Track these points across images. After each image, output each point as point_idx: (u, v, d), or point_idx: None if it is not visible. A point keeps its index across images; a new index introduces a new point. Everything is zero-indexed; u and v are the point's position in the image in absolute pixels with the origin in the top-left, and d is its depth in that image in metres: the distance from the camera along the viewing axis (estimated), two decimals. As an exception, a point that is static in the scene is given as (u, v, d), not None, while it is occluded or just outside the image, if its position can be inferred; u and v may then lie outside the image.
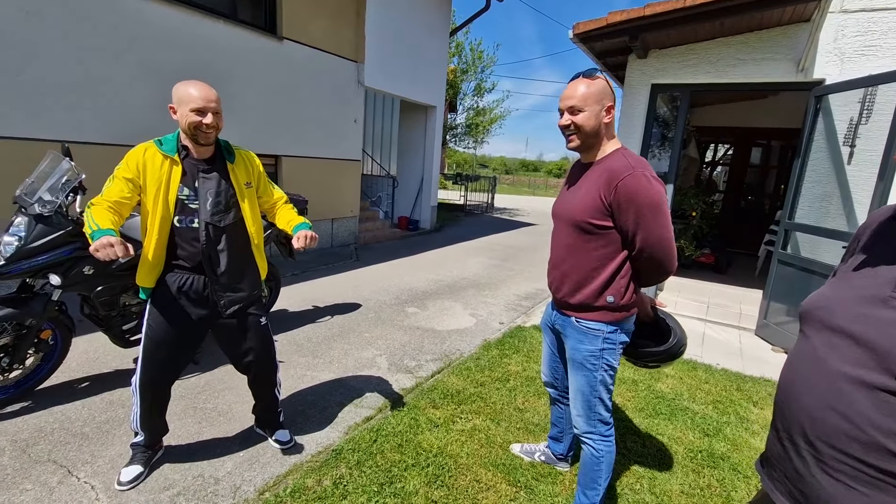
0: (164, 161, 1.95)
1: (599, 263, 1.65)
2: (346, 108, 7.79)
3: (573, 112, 1.62)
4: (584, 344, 1.73)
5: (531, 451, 2.43)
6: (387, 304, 5.04)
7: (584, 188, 1.65)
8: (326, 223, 7.80)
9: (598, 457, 1.82)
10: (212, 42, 5.60)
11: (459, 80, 16.14)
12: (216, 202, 1.99)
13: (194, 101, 1.89)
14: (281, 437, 2.46)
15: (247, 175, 2.13)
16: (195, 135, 1.94)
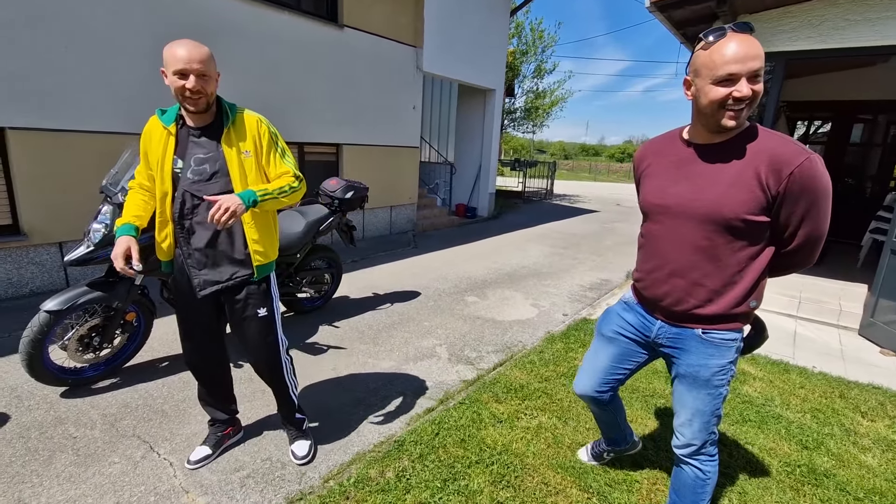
0: (163, 132, 1.81)
1: (745, 265, 1.39)
2: (404, 94, 7.75)
3: (755, 80, 1.24)
4: (715, 359, 1.46)
5: (599, 452, 2.23)
6: (445, 293, 4.98)
7: (731, 175, 1.32)
8: (385, 211, 7.86)
9: (706, 479, 1.59)
10: (276, 33, 5.71)
11: (519, 63, 15.66)
12: (199, 170, 1.80)
13: (173, 63, 1.67)
14: (297, 449, 2.23)
15: (247, 142, 1.85)
16: (182, 101, 1.75)
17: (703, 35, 1.30)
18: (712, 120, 1.32)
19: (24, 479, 2.04)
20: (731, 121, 1.29)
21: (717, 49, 1.26)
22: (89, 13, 4.18)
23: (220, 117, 1.84)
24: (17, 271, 4.13)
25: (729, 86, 1.25)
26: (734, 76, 1.24)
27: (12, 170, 4.00)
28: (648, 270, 1.56)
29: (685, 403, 1.55)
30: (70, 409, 2.58)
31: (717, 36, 1.27)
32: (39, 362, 2.56)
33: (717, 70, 1.25)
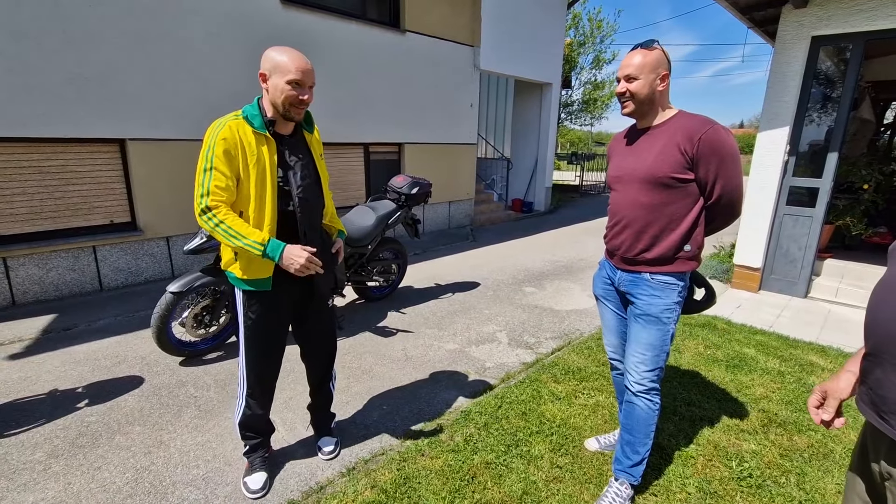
0: (259, 139, 1.73)
1: (679, 216, 1.76)
2: (461, 93, 7.99)
3: (629, 80, 1.73)
4: (661, 299, 1.82)
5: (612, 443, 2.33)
6: (504, 284, 5.18)
7: (659, 147, 1.74)
8: (444, 206, 8.15)
9: (655, 411, 1.89)
10: (344, 42, 6.14)
11: (576, 54, 15.42)
12: (304, 174, 1.84)
13: (292, 73, 1.67)
14: (324, 444, 2.29)
15: (319, 146, 2.01)
16: (288, 110, 1.73)
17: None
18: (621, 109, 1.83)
19: (161, 427, 2.50)
20: (623, 110, 1.81)
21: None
22: (190, 35, 4.76)
23: (301, 124, 1.90)
24: (135, 262, 4.82)
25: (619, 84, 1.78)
26: (618, 78, 1.78)
27: (131, 174, 4.68)
28: (610, 227, 1.95)
29: (640, 340, 1.86)
30: (189, 374, 3.06)
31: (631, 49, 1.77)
32: (165, 336, 3.06)
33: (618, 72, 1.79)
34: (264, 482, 2.05)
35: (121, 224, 4.78)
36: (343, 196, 6.66)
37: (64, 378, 3.00)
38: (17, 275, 4.18)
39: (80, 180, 4.48)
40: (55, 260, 4.36)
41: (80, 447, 2.33)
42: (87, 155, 4.48)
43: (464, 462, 2.18)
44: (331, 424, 2.38)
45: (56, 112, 4.15)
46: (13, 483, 2.08)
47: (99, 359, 3.26)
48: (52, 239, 4.37)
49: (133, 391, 2.85)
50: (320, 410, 2.34)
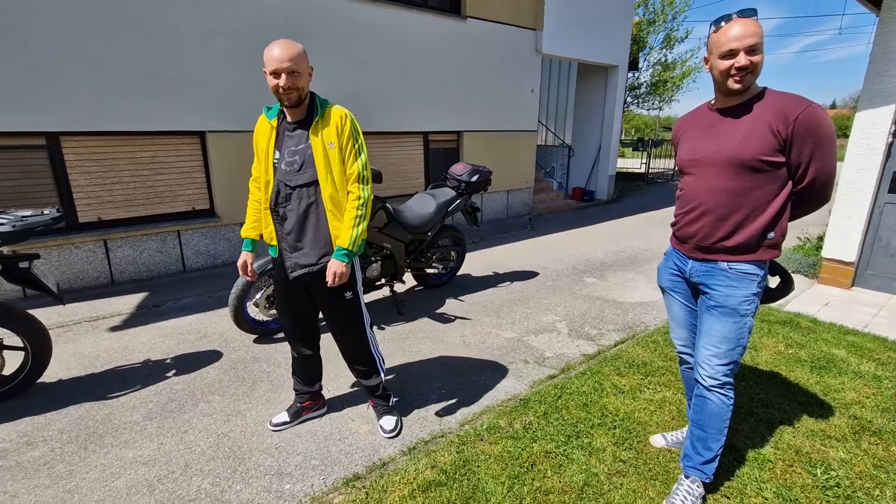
0: (267, 127, 1.99)
1: (765, 201, 1.64)
2: (522, 78, 7.83)
3: (753, 52, 1.55)
4: (740, 290, 1.71)
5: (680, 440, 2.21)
6: (564, 273, 5.06)
7: (745, 127, 1.62)
8: (502, 195, 8.07)
9: (730, 406, 1.78)
10: (404, 31, 6.19)
11: (645, 34, 14.58)
12: (291, 161, 1.95)
13: (269, 63, 1.84)
14: (385, 423, 2.38)
15: (332, 134, 1.94)
16: (277, 97, 1.90)
17: (714, 22, 1.63)
18: (724, 86, 1.63)
19: (239, 398, 2.70)
20: (736, 84, 1.60)
21: (723, 31, 1.59)
22: (261, 34, 5.00)
23: (312, 112, 1.95)
24: (214, 245, 5.20)
25: (731, 58, 1.58)
26: (734, 50, 1.56)
27: (210, 164, 5.02)
28: (683, 214, 1.82)
29: (714, 332, 1.75)
30: (261, 351, 3.27)
31: (725, 21, 1.60)
32: (241, 315, 3.28)
33: (722, 47, 1.59)
34: (283, 422, 2.41)
35: (201, 211, 5.16)
36: (402, 184, 6.78)
37: (155, 349, 3.31)
38: (115, 256, 4.64)
39: (167, 170, 4.88)
40: (146, 243, 4.79)
41: (169, 412, 2.57)
42: (173, 147, 4.86)
43: (523, 449, 2.18)
44: (389, 402, 2.45)
45: (147, 107, 4.52)
46: (116, 440, 2.33)
47: (184, 333, 3.56)
48: (144, 224, 4.80)
49: (213, 364, 3.09)
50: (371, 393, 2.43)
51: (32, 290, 2.59)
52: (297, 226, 2.00)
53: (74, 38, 4.07)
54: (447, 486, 1.95)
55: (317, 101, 1.97)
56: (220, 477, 2.07)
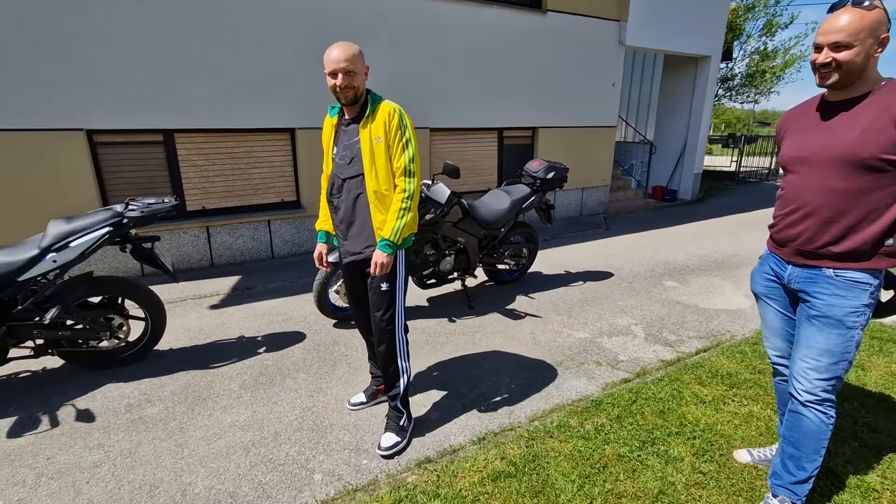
0: (330, 124, 2.16)
1: (883, 204, 1.49)
2: (603, 72, 7.55)
3: (837, 49, 1.45)
4: (848, 300, 1.56)
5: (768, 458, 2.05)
6: (641, 276, 4.85)
7: (864, 122, 1.47)
8: (576, 192, 7.87)
9: (829, 426, 1.64)
10: (483, 27, 6.21)
11: (742, 20, 13.42)
12: (343, 154, 2.08)
13: (327, 65, 1.93)
14: (383, 440, 2.21)
15: (379, 129, 1.99)
16: (336, 96, 2.00)
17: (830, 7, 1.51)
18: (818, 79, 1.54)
19: (321, 377, 2.90)
20: (820, 80, 1.52)
21: (825, 20, 1.48)
22: (341, 38, 5.27)
23: (366, 108, 2.03)
24: (298, 235, 5.58)
25: (816, 53, 1.50)
26: (818, 45, 1.49)
27: (297, 160, 5.39)
28: (784, 215, 1.69)
29: (814, 344, 1.61)
30: (341, 335, 3.48)
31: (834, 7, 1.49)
32: (323, 300, 3.51)
33: (815, 39, 1.50)
34: (359, 402, 2.56)
35: (289, 202, 5.55)
36: (475, 180, 6.83)
37: (248, 328, 3.63)
38: (215, 241, 5.14)
39: (261, 164, 5.31)
40: (241, 230, 5.25)
41: (261, 384, 2.82)
42: (268, 143, 5.28)
43: (594, 450, 2.15)
44: (399, 422, 2.27)
45: (248, 107, 4.95)
46: (217, 405, 2.61)
47: (272, 315, 3.88)
48: (240, 213, 5.26)
49: (298, 344, 3.34)
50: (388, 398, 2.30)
51: (152, 267, 2.96)
52: (347, 216, 2.12)
53: (189, 47, 4.55)
54: (516, 478, 1.98)
55: (369, 97, 2.04)
56: (305, 447, 2.25)
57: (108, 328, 2.86)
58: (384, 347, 2.18)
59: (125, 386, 2.80)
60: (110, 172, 4.62)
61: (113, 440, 2.31)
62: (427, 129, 6.08)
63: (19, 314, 2.59)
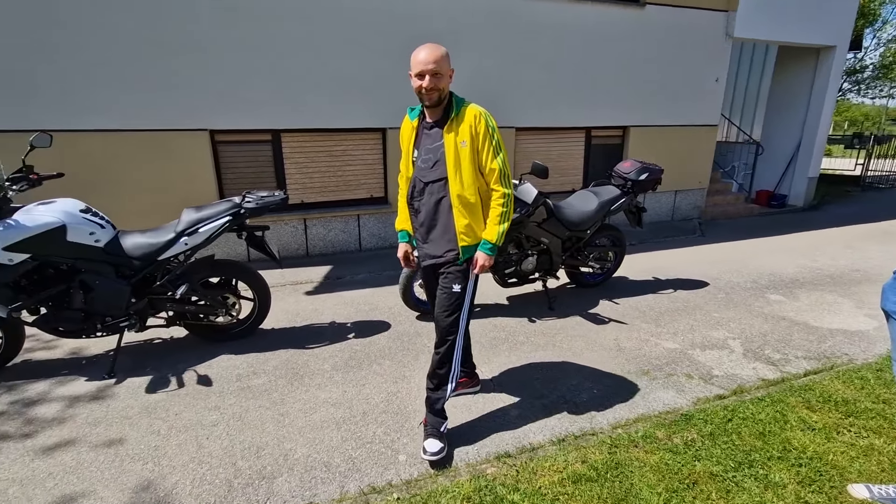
0: (410, 127, 2.16)
1: None
2: (706, 66, 7.03)
3: None
4: None
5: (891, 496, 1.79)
6: (740, 287, 4.48)
7: None
8: (668, 195, 7.42)
9: None
10: (575, 24, 6.06)
11: (877, 5, 11.79)
12: (426, 158, 2.06)
13: (414, 66, 1.93)
14: (429, 446, 2.14)
15: (465, 132, 1.98)
16: (420, 98, 2.00)
17: None
18: None
19: (404, 365, 3.04)
20: None
21: None
22: (428, 40, 5.42)
23: (449, 111, 2.02)
24: (385, 229, 5.86)
25: None
26: None
27: (387, 158, 5.66)
28: None
29: None
30: (423, 327, 3.62)
31: None
32: (409, 294, 3.67)
33: None
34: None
35: (377, 198, 5.84)
36: (559, 181, 6.70)
37: (338, 314, 3.90)
38: (311, 233, 5.55)
39: (354, 162, 5.64)
40: (333, 224, 5.62)
41: (350, 367, 3.02)
42: (361, 141, 5.59)
43: (683, 465, 2.05)
44: (440, 428, 2.21)
45: (346, 109, 5.28)
46: (312, 382, 2.85)
47: (360, 304, 4.12)
48: (333, 207, 5.63)
49: (383, 333, 3.53)
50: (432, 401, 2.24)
51: (261, 254, 3.28)
52: (428, 219, 2.12)
53: (300, 55, 4.95)
54: (598, 482, 1.95)
55: (453, 100, 2.03)
56: (391, 428, 2.39)
57: (224, 306, 3.22)
58: (444, 348, 2.16)
59: (235, 358, 3.14)
60: (227, 167, 5.17)
61: (226, 404, 2.62)
62: (512, 129, 6.08)
63: (157, 289, 3.01)
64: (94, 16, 4.28)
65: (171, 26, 4.51)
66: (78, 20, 4.25)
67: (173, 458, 2.19)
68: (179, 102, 4.70)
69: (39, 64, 4.23)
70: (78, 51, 4.30)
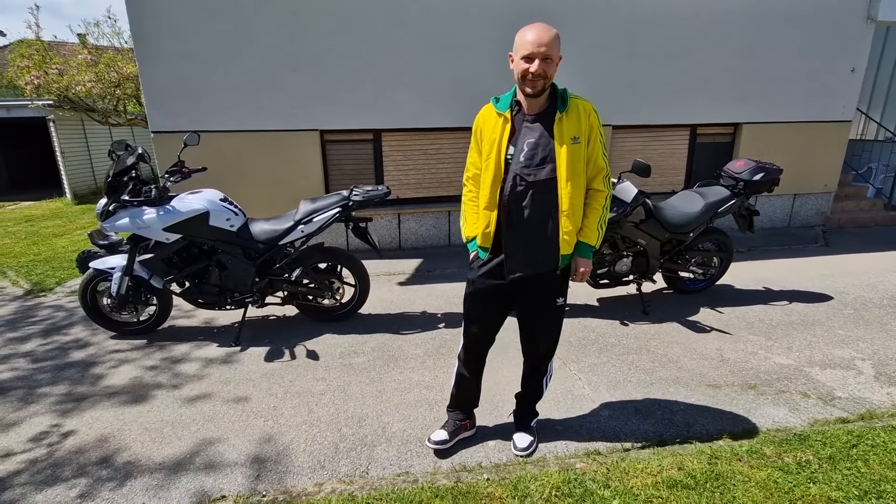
0: (498, 119, 1.82)
1: None
2: (838, 56, 6.24)
3: None
4: None
5: None
6: (874, 303, 3.95)
7: None
8: (786, 199, 6.70)
9: None
10: (682, 15, 5.69)
11: None
12: (531, 154, 1.77)
13: (521, 47, 1.69)
14: (519, 441, 2.21)
15: (577, 128, 1.77)
16: (522, 84, 1.74)
17: None
18: None
19: (491, 358, 3.07)
20: None
21: None
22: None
23: (555, 103, 1.79)
24: (474, 226, 5.98)
25: None
26: None
27: (480, 156, 5.77)
28: None
29: None
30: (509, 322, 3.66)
31: None
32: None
33: None
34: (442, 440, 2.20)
35: (468, 196, 5.98)
36: (658, 181, 6.34)
37: (428, 305, 4.08)
38: (404, 227, 5.84)
39: (446, 160, 5.83)
40: (425, 219, 5.86)
41: (441, 354, 3.17)
42: (453, 140, 5.77)
43: (795, 486, 1.90)
44: (530, 423, 2.29)
45: (440, 108, 5.48)
46: (406, 365, 3.03)
47: (449, 296, 4.27)
48: (425, 203, 5.87)
49: (472, 325, 3.63)
50: (523, 403, 2.31)
51: (364, 243, 3.55)
52: (529, 226, 1.82)
53: (401, 59, 5.24)
54: (695, 490, 1.88)
55: (558, 91, 1.80)
56: (480, 415, 2.45)
57: (331, 289, 3.54)
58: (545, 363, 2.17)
59: (338, 337, 3.44)
60: (333, 165, 5.62)
61: (331, 377, 2.89)
62: (610, 127, 5.88)
63: (276, 270, 3.39)
64: (240, 38, 4.90)
65: (292, 40, 5.00)
66: (231, 42, 4.90)
67: (289, 418, 2.48)
68: (297, 105, 5.20)
69: (194, 75, 4.93)
70: (229, 66, 4.95)
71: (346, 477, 2.06)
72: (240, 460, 2.17)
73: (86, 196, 11.04)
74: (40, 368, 3.05)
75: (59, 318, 3.84)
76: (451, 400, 2.33)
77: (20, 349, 3.33)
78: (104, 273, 3.20)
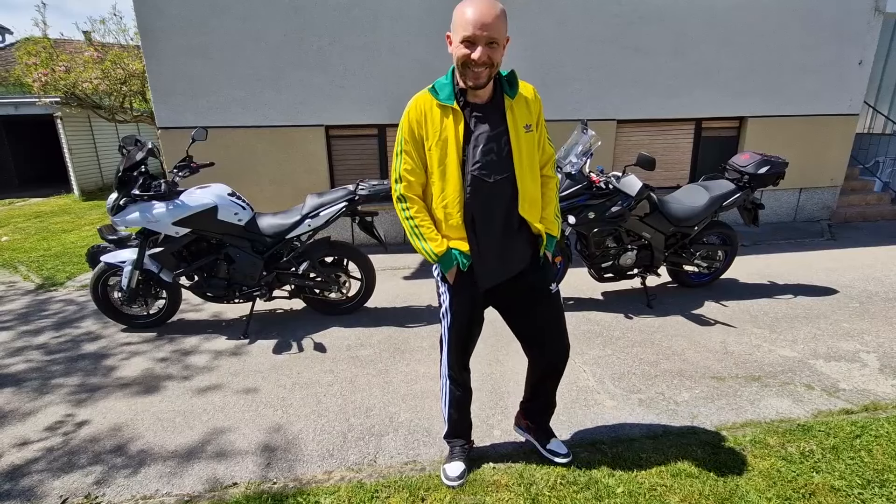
0: (444, 111, 1.54)
1: None
2: (845, 48, 6.19)
3: None
4: None
5: None
6: (879, 297, 3.95)
7: None
8: (791, 193, 6.68)
9: None
10: (693, 8, 5.67)
11: None
12: (487, 150, 1.53)
13: (463, 28, 1.40)
14: (556, 447, 2.03)
15: (527, 115, 1.59)
16: (463, 74, 1.48)
17: None
18: None
19: (497, 349, 3.14)
20: None
21: None
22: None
23: (501, 88, 1.57)
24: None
25: None
26: None
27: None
28: None
29: None
30: (516, 315, 3.69)
31: None
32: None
33: None
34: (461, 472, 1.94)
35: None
36: (664, 176, 6.34)
37: (433, 298, 4.10)
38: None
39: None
40: (431, 214, 5.88)
41: (447, 347, 3.20)
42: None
43: (799, 475, 1.92)
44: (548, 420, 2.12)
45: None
46: (412, 357, 3.07)
47: (455, 290, 4.29)
48: (431, 198, 5.89)
49: (478, 318, 3.66)
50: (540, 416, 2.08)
51: (370, 236, 3.58)
52: (496, 229, 1.62)
53: (410, 52, 5.24)
54: (699, 479, 1.90)
55: (502, 74, 1.58)
56: (486, 405, 2.51)
57: (337, 283, 3.57)
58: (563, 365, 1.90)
59: (345, 330, 3.47)
60: (338, 159, 5.65)
61: (339, 368, 2.93)
62: (614, 121, 5.87)
63: (283, 264, 3.43)
64: (246, 34, 4.92)
65: (298, 36, 5.02)
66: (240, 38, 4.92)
67: (298, 409, 2.52)
68: (304, 101, 5.23)
69: (201, 71, 4.96)
70: (235, 62, 4.98)
71: (354, 465, 2.10)
72: (250, 449, 2.22)
73: (93, 192, 11.13)
74: (54, 360, 3.11)
75: (71, 312, 3.91)
76: (449, 427, 2.00)
77: (34, 342, 3.39)
78: (115, 267, 3.25)
